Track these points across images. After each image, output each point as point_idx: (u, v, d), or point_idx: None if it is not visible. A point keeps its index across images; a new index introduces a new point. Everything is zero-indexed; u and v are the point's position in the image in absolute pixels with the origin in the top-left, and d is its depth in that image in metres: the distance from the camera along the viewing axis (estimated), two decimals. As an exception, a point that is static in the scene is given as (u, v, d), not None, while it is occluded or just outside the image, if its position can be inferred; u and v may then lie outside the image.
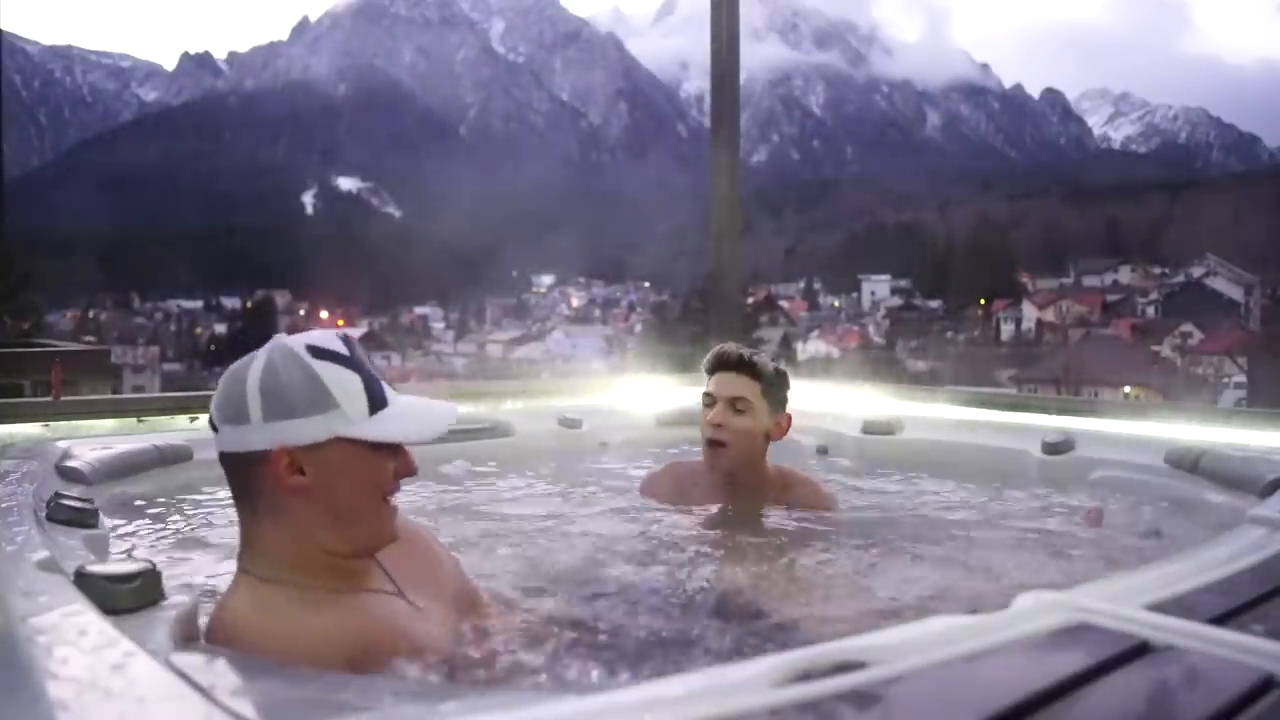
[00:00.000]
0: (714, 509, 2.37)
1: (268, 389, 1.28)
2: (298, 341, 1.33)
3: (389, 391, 1.36)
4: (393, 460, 1.35)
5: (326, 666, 1.20)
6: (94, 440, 2.66)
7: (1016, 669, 0.89)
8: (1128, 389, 37.60)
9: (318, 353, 1.31)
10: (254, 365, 1.31)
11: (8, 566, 1.36)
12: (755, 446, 2.35)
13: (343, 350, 1.34)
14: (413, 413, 1.37)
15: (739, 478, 2.37)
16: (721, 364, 2.36)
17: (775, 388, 2.37)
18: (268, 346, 1.34)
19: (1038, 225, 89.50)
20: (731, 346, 2.39)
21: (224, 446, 1.31)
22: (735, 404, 2.32)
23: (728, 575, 1.90)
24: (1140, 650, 0.93)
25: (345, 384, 1.31)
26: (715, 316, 4.79)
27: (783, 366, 2.43)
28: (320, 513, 1.30)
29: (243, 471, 1.30)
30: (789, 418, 2.42)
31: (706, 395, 2.37)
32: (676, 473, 2.51)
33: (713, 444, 2.34)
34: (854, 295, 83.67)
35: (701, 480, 2.42)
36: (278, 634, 1.25)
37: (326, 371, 1.30)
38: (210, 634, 1.27)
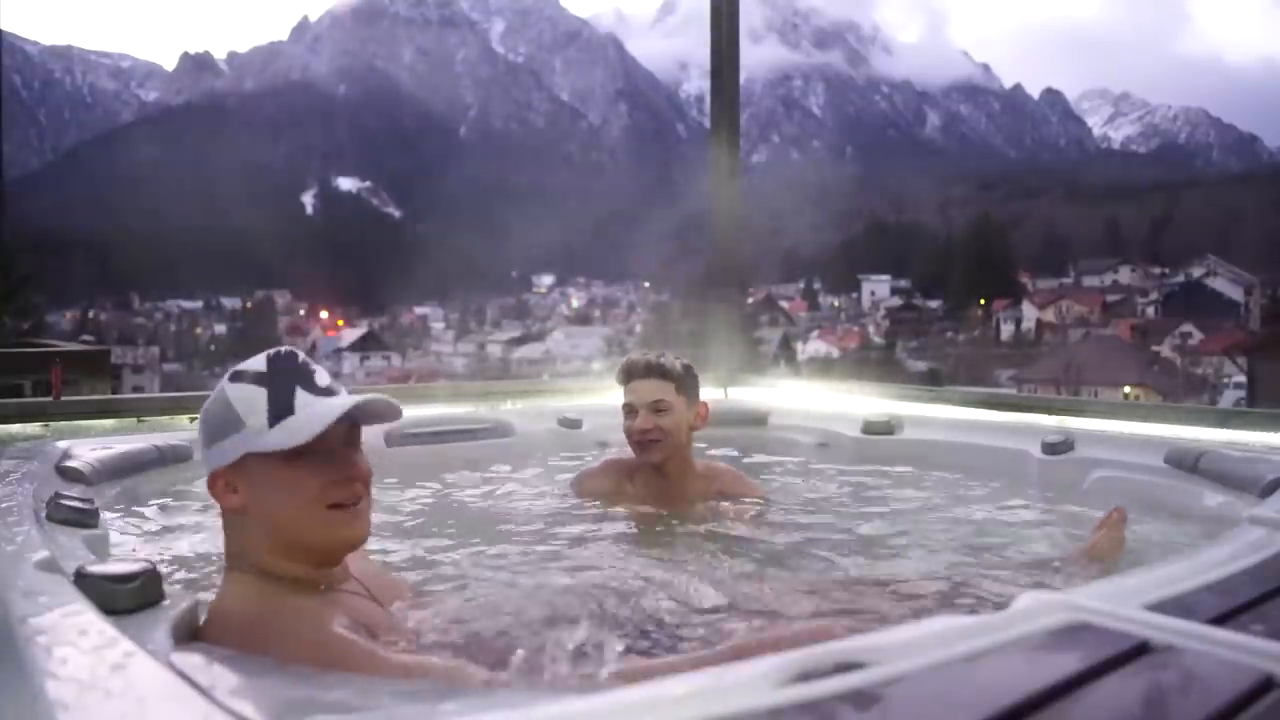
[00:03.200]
0: (647, 505, 2.50)
1: (202, 420, 1.42)
2: (235, 368, 1.43)
3: (306, 398, 1.36)
4: (320, 468, 1.35)
5: (298, 654, 1.22)
6: (94, 440, 2.68)
7: (1016, 669, 0.89)
8: (1128, 389, 37.61)
9: (235, 376, 1.40)
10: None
11: (8, 566, 1.36)
12: (683, 438, 2.55)
13: (261, 368, 1.38)
14: (310, 414, 1.35)
15: (670, 472, 2.54)
16: (635, 373, 2.55)
17: (687, 383, 2.56)
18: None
19: (1038, 225, 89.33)
20: (639, 355, 2.59)
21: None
22: (656, 406, 2.50)
23: (660, 574, 1.91)
24: (1140, 650, 0.93)
25: (250, 401, 1.35)
26: (715, 316, 4.79)
27: (688, 362, 2.62)
28: (260, 526, 1.37)
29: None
30: (705, 406, 2.62)
31: (626, 405, 2.55)
32: (608, 471, 2.66)
33: (644, 444, 2.51)
34: (854, 295, 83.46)
35: (635, 476, 2.59)
36: (260, 616, 1.31)
37: (235, 392, 1.38)
38: (207, 626, 1.31)
